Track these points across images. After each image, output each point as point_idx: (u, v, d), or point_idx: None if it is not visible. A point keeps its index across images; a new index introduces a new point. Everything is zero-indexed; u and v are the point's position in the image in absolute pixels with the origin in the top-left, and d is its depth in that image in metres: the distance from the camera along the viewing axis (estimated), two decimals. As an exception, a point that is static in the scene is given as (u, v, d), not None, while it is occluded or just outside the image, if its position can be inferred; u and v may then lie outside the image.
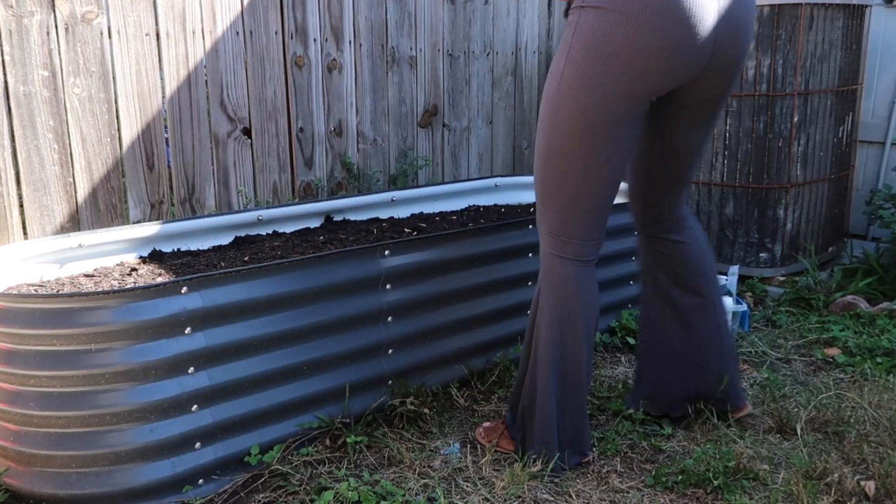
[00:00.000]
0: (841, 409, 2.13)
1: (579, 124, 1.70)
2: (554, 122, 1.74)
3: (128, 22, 2.69)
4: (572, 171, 1.75)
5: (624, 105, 1.70)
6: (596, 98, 1.68)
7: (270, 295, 1.85)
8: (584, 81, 1.67)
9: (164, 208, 2.87)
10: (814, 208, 3.27)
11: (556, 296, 1.83)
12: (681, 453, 1.95)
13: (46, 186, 2.55)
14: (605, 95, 1.68)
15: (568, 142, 1.73)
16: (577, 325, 1.82)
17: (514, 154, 4.14)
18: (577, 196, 1.77)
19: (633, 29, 1.63)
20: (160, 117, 2.82)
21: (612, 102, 1.69)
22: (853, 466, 1.86)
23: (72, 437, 1.69)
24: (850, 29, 3.22)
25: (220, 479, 1.80)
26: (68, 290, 1.98)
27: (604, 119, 1.70)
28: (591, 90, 1.68)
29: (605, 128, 1.70)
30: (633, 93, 1.69)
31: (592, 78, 1.67)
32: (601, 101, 1.68)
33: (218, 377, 1.79)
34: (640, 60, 1.65)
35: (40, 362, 1.68)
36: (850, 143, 3.45)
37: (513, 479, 1.80)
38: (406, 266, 2.10)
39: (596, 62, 1.66)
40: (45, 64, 2.51)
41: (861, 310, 2.81)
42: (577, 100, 1.69)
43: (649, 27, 1.62)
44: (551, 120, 1.74)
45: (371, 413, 2.05)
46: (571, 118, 1.71)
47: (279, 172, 3.20)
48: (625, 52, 1.64)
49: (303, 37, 3.18)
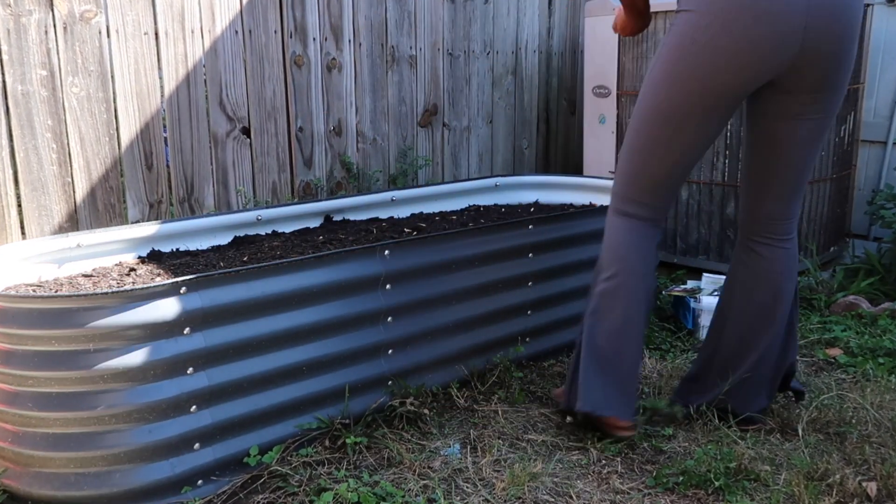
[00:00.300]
0: (843, 409, 2.13)
1: (657, 112, 1.89)
2: (639, 107, 1.94)
3: (126, 21, 2.69)
4: (643, 149, 1.94)
5: (707, 99, 1.84)
6: (675, 93, 1.85)
7: (270, 295, 1.85)
8: (668, 77, 1.85)
9: (162, 208, 2.87)
10: (815, 208, 3.27)
11: (609, 253, 1.99)
12: (682, 454, 1.95)
13: (45, 186, 2.55)
14: (686, 92, 1.84)
15: (644, 125, 1.93)
16: (622, 286, 1.94)
17: (515, 154, 4.14)
18: (643, 169, 1.96)
19: (715, 28, 1.76)
20: (159, 117, 2.82)
21: (692, 97, 1.84)
22: (855, 467, 1.86)
23: (70, 437, 1.69)
24: (851, 28, 3.22)
25: (219, 479, 1.80)
26: (67, 290, 1.98)
27: (680, 111, 1.86)
28: (671, 85, 1.85)
29: (681, 119, 1.87)
30: (716, 89, 1.82)
31: (675, 74, 1.84)
32: (681, 96, 1.85)
33: (217, 377, 1.79)
34: (721, 58, 1.78)
35: (38, 363, 1.68)
36: (852, 142, 3.45)
37: (513, 480, 1.80)
38: (406, 266, 2.10)
39: (680, 61, 1.83)
40: (43, 63, 2.51)
41: (863, 310, 2.81)
42: (657, 92, 1.88)
43: (729, 25, 1.74)
44: (638, 104, 1.94)
45: (371, 414, 2.05)
46: (651, 107, 1.91)
47: (278, 172, 3.20)
48: (706, 51, 1.78)
49: (302, 36, 3.18)
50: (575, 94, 4.37)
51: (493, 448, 1.97)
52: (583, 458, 1.94)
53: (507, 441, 2.02)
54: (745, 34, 1.74)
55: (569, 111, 4.39)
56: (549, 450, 1.99)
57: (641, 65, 3.35)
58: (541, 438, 2.03)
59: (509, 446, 2.00)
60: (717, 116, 1.88)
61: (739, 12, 1.73)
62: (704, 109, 1.86)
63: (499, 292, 2.31)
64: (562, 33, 4.25)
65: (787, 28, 1.73)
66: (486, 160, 4.01)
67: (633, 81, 3.41)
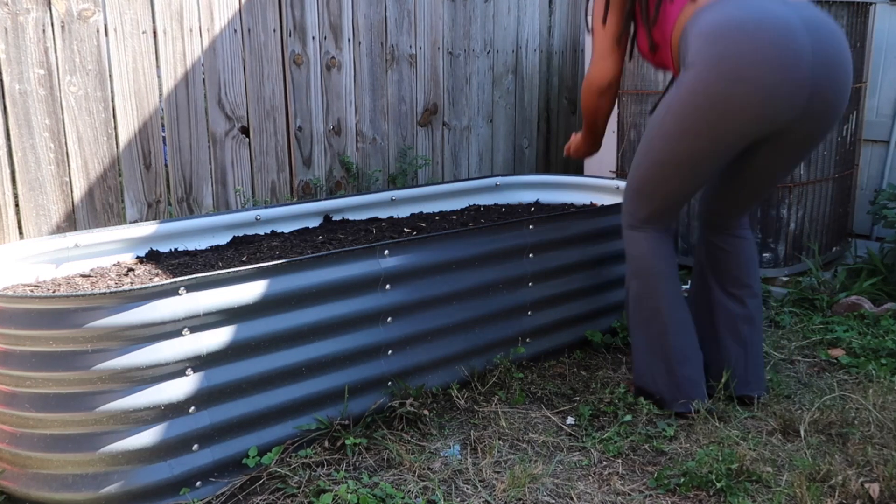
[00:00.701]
0: (845, 410, 2.13)
1: (671, 161, 1.99)
2: (649, 153, 2.04)
3: (125, 20, 2.69)
4: (655, 186, 2.07)
5: (721, 146, 1.93)
6: (690, 144, 1.94)
7: (268, 295, 1.85)
8: (683, 130, 1.93)
9: (161, 208, 2.87)
10: (817, 208, 3.27)
11: (633, 263, 2.18)
12: (683, 455, 1.95)
13: (42, 186, 2.55)
14: (701, 142, 1.93)
15: (656, 168, 2.04)
16: (651, 277, 2.13)
17: (515, 153, 4.14)
18: (654, 200, 2.10)
19: (729, 81, 1.81)
20: (157, 116, 2.82)
21: (707, 145, 1.93)
22: (857, 469, 1.86)
23: (68, 439, 1.69)
24: (854, 27, 3.22)
25: (217, 481, 1.80)
26: (64, 290, 1.98)
27: (693, 158, 1.97)
28: (686, 137, 1.93)
29: (694, 164, 1.98)
30: (730, 138, 1.91)
31: (689, 127, 1.91)
32: (695, 146, 1.94)
33: (216, 379, 1.79)
34: (730, 113, 1.85)
35: (36, 363, 1.67)
36: (854, 141, 3.45)
37: (513, 482, 1.80)
38: (406, 266, 2.10)
39: (694, 114, 1.89)
40: (41, 62, 2.51)
41: (865, 310, 2.81)
42: (671, 144, 1.97)
43: (739, 83, 1.81)
44: (648, 150, 2.03)
45: (370, 415, 2.05)
46: (663, 157, 2.01)
47: (277, 171, 3.20)
48: (721, 104, 1.84)
49: (301, 35, 3.18)
50: (576, 93, 4.37)
51: (493, 449, 1.97)
52: (583, 459, 1.94)
53: (507, 442, 2.02)
54: (760, 85, 1.80)
55: (569, 110, 4.39)
56: (549, 451, 1.99)
57: (643, 64, 3.35)
58: (541, 439, 2.03)
59: (510, 447, 2.00)
60: (730, 155, 1.98)
61: (753, 65, 1.79)
62: (717, 154, 1.96)
63: (499, 292, 2.31)
64: (562, 32, 4.25)
65: (798, 77, 1.81)
66: (487, 160, 4.01)
67: (635, 80, 3.41)
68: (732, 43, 1.81)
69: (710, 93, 1.84)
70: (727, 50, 1.81)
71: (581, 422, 2.12)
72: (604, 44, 2.16)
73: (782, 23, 1.80)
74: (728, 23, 1.82)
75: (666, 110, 1.97)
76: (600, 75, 2.18)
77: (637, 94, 3.40)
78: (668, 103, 1.96)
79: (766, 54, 1.79)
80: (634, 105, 3.41)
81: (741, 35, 1.80)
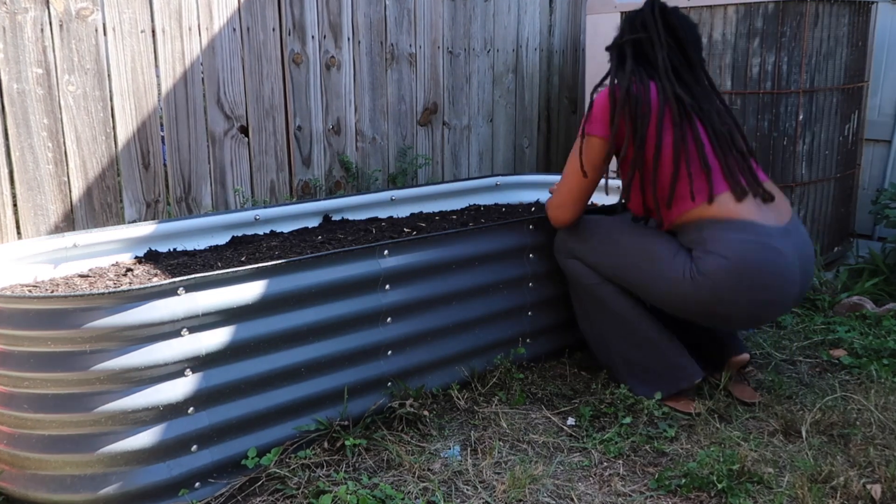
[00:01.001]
0: (847, 411, 2.13)
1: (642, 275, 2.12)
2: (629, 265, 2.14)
3: (123, 19, 2.69)
4: (614, 271, 2.19)
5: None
6: (668, 285, 2.06)
7: (268, 296, 1.85)
8: (680, 293, 2.03)
9: (159, 207, 2.87)
10: (819, 208, 3.27)
11: (577, 285, 2.28)
12: (684, 456, 1.95)
13: (40, 185, 2.55)
14: (684, 307, 2.08)
15: (622, 268, 2.16)
16: (597, 288, 2.20)
17: (515, 153, 4.14)
18: (607, 270, 2.22)
19: (739, 281, 1.96)
20: (156, 115, 2.82)
21: (687, 309, 2.08)
22: (859, 470, 1.86)
23: (66, 439, 1.69)
24: (856, 25, 3.22)
25: (216, 482, 1.80)
26: (63, 290, 1.98)
27: (665, 288, 2.08)
28: (678, 295, 2.04)
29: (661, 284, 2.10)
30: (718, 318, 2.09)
31: (686, 295, 2.03)
32: (671, 287, 2.06)
33: (214, 379, 1.79)
34: (742, 307, 2.01)
35: (34, 364, 1.67)
36: (856, 141, 3.45)
37: (514, 483, 1.80)
38: (406, 266, 2.10)
39: (698, 293, 2.01)
40: (39, 61, 2.51)
41: (867, 311, 2.81)
42: (660, 282, 2.08)
43: (751, 285, 1.97)
44: (633, 266, 2.13)
45: (370, 415, 2.05)
46: (642, 277, 2.12)
47: (277, 171, 3.20)
48: (727, 299, 1.99)
49: (301, 34, 3.18)
50: (576, 92, 4.37)
51: (493, 450, 1.97)
52: (584, 460, 1.94)
53: (507, 443, 2.02)
54: (763, 297, 2.00)
55: (570, 110, 4.39)
56: (550, 452, 1.99)
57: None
58: (542, 440, 2.03)
59: (510, 448, 2.00)
60: None
61: (763, 278, 1.97)
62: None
63: (499, 293, 2.31)
64: (563, 31, 4.25)
65: (794, 290, 2.05)
66: (487, 159, 4.01)
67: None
68: (751, 288, 1.98)
69: (719, 298, 1.99)
70: (749, 290, 1.98)
71: (582, 422, 2.12)
72: (572, 193, 2.19)
73: (791, 272, 2.01)
74: (750, 266, 1.97)
75: (671, 266, 2.04)
76: (557, 223, 2.27)
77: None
78: (676, 267, 2.03)
79: (775, 297, 2.03)
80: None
81: (759, 280, 1.98)
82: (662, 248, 2.08)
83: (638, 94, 2.05)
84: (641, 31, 2.15)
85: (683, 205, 2.05)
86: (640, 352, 2.20)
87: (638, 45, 2.14)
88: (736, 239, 1.97)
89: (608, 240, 2.19)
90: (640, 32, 2.15)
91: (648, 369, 2.20)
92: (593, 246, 2.21)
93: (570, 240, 2.25)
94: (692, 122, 2.06)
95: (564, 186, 2.19)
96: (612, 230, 2.21)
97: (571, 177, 2.16)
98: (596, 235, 2.21)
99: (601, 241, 2.20)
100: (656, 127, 2.04)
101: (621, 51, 2.16)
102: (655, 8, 2.16)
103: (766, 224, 1.99)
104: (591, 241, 2.21)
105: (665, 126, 2.05)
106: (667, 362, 2.18)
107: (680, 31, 2.13)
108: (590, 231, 2.23)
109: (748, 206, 2.02)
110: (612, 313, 2.21)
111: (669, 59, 2.11)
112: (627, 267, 2.13)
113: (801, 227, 2.13)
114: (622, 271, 2.15)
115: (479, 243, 2.25)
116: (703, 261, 1.99)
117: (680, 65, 2.12)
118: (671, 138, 2.05)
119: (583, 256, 2.22)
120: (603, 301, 2.21)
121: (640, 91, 2.06)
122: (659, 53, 2.11)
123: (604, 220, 2.25)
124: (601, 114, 2.10)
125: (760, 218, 2.00)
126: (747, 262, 1.96)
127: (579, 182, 2.15)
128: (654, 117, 2.05)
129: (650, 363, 2.20)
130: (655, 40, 2.12)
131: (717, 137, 2.07)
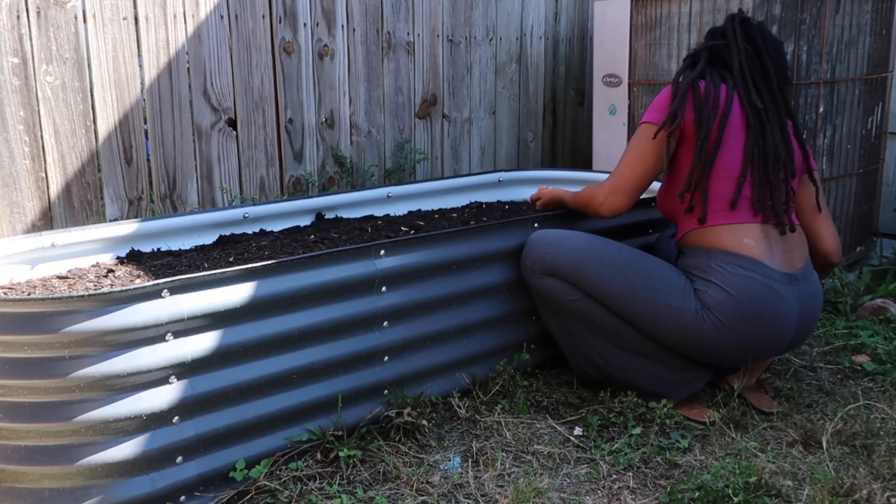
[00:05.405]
0: (870, 420, 2.13)
1: (646, 315, 2.14)
2: (636, 296, 2.14)
3: (104, 5, 2.69)
4: (614, 301, 2.19)
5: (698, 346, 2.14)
6: (674, 331, 2.11)
7: (257, 298, 1.86)
8: (678, 322, 2.09)
9: (142, 205, 2.87)
10: (840, 205, 3.27)
11: (554, 303, 2.26)
12: (698, 468, 1.95)
13: (17, 182, 2.55)
14: (683, 341, 2.13)
15: (629, 302, 2.15)
16: (578, 303, 2.20)
17: (519, 147, 4.15)
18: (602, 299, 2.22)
19: (736, 320, 2.04)
20: (139, 107, 2.82)
21: (685, 344, 2.14)
22: (883, 482, 1.87)
23: (44, 450, 1.69)
24: (879, 12, 3.22)
25: (203, 495, 1.80)
26: (40, 292, 1.98)
27: (665, 318, 2.13)
28: (674, 326, 2.10)
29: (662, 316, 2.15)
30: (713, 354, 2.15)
31: (685, 325, 2.09)
32: (677, 337, 2.12)
33: (201, 387, 1.79)
34: (738, 344, 2.08)
35: (10, 370, 1.68)
36: (880, 135, 3.46)
37: (517, 496, 1.80)
38: (403, 267, 2.10)
39: (700, 325, 2.07)
40: (15, 50, 2.51)
41: (891, 314, 2.81)
42: (659, 313, 2.12)
43: (749, 326, 2.06)
44: (638, 294, 2.13)
45: (365, 425, 2.05)
46: (645, 309, 2.13)
47: (266, 167, 3.20)
48: (723, 336, 2.06)
49: (292, 21, 3.18)
50: (583, 83, 4.38)
51: (496, 461, 1.98)
52: (592, 472, 1.95)
53: (511, 454, 2.03)
54: (758, 332, 2.07)
55: (577, 101, 4.39)
56: (555, 463, 1.99)
57: (654, 52, 3.35)
58: (547, 451, 2.04)
59: (513, 459, 2.01)
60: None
61: (760, 320, 2.05)
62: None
63: (502, 295, 2.32)
64: (569, 18, 4.26)
65: (788, 334, 2.13)
66: (489, 154, 4.01)
67: (646, 70, 3.42)
68: (748, 321, 2.05)
69: (720, 334, 2.06)
70: (746, 324, 2.06)
71: (589, 432, 2.12)
72: (634, 179, 2.21)
73: (787, 317, 2.09)
74: (752, 306, 2.05)
75: (672, 290, 2.10)
76: (608, 211, 2.25)
77: (648, 84, 3.40)
78: (676, 290, 2.10)
79: (766, 337, 2.10)
80: (646, 96, 3.41)
81: (760, 319, 2.06)
82: (664, 274, 2.14)
83: (706, 89, 2.14)
84: (720, 39, 2.24)
85: (714, 218, 2.12)
86: (641, 359, 2.20)
87: (715, 51, 2.24)
88: (740, 274, 2.06)
89: (601, 261, 2.17)
90: (718, 40, 2.24)
91: (658, 377, 2.20)
92: (581, 265, 2.19)
93: (549, 256, 2.21)
94: (753, 130, 2.13)
95: (626, 170, 2.22)
96: (605, 251, 2.20)
97: (635, 161, 2.21)
98: (585, 253, 2.20)
99: (592, 261, 2.18)
100: (718, 126, 2.11)
101: (695, 57, 2.26)
102: (736, 18, 2.24)
103: (774, 268, 2.07)
104: (579, 260, 2.19)
105: (731, 127, 2.13)
106: (670, 364, 2.19)
107: (759, 41, 2.20)
108: (576, 247, 2.22)
109: (763, 244, 2.09)
110: (596, 325, 2.21)
111: (746, 63, 2.17)
112: (624, 293, 2.14)
113: (814, 276, 2.19)
114: (617, 298, 2.15)
115: (481, 243, 2.25)
116: (708, 294, 2.06)
117: (755, 72, 2.18)
118: (733, 142, 2.13)
119: (566, 275, 2.19)
120: (589, 316, 2.20)
121: (710, 87, 2.15)
122: (735, 58, 2.18)
123: (586, 236, 2.25)
124: (663, 103, 2.19)
125: (770, 261, 2.08)
126: (749, 297, 2.04)
127: (645, 168, 2.20)
128: (720, 115, 2.12)
129: (653, 370, 2.21)
130: (732, 46, 2.19)
131: (765, 155, 2.12)
